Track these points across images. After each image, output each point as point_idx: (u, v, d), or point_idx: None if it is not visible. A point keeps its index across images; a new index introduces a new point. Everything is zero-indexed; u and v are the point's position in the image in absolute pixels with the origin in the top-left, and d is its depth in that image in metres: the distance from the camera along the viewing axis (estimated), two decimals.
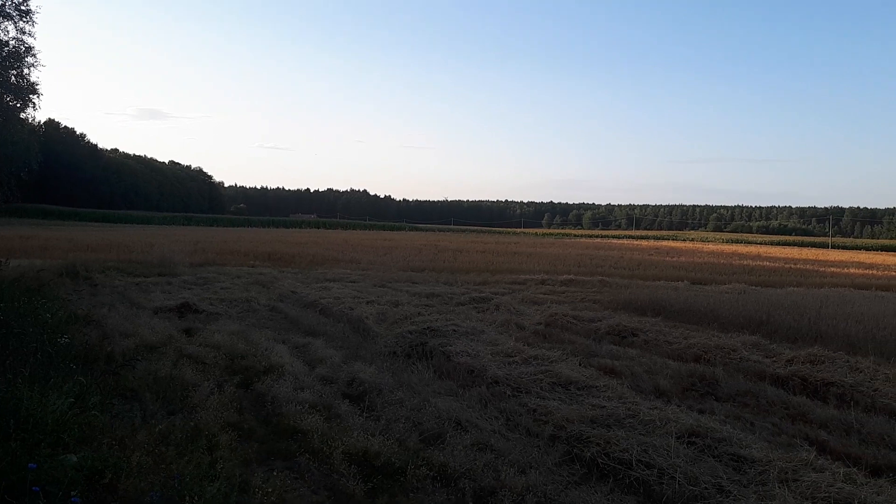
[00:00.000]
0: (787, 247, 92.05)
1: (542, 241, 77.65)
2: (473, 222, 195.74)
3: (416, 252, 39.83)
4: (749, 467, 5.92)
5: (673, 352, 11.86)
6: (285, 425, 7.06)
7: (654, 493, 5.52)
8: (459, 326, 12.07)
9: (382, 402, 7.84)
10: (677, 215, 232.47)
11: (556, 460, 6.24)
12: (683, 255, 47.20)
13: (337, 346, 11.36)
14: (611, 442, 6.35)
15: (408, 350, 10.91)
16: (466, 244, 53.77)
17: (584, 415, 7.23)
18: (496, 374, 9.05)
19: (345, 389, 8.54)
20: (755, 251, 65.75)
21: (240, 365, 9.60)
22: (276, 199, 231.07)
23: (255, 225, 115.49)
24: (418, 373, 9.39)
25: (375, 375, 8.93)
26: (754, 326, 14.06)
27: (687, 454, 6.13)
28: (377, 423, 7.11)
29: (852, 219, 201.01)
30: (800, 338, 13.01)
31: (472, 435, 6.75)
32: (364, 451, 6.19)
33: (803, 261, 47.92)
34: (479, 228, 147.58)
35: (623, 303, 18.16)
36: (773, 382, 9.74)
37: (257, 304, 16.61)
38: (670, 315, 16.09)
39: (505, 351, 10.35)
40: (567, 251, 47.22)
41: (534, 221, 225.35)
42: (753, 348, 11.74)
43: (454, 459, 6.04)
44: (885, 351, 11.54)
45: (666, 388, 9.24)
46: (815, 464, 5.90)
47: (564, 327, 14.39)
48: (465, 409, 7.63)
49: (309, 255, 33.63)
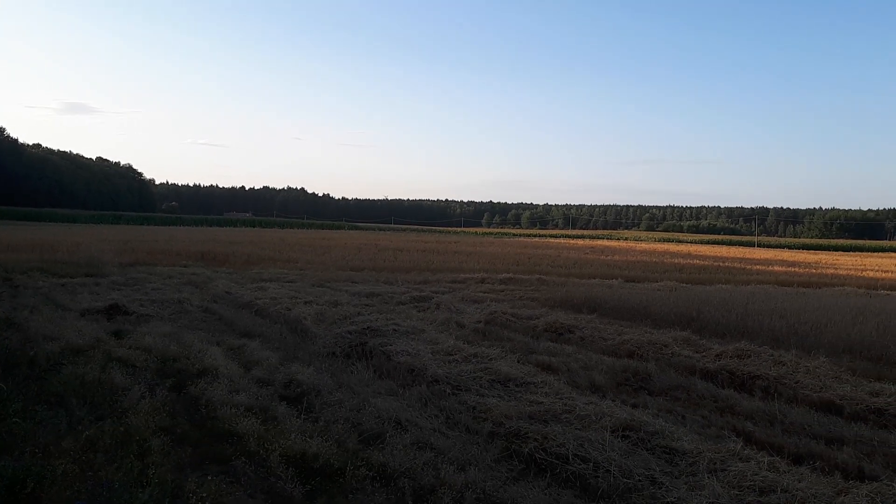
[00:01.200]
0: (716, 245, 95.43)
1: (482, 240, 78.22)
2: (414, 221, 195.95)
3: (355, 251, 39.54)
4: (680, 459, 6.11)
5: (608, 348, 12.14)
6: (220, 429, 6.91)
7: (590, 486, 5.64)
8: (400, 326, 12.05)
9: (321, 404, 7.75)
10: (612, 215, 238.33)
11: (494, 457, 6.30)
12: (618, 254, 48.38)
13: (274, 347, 11.16)
14: (548, 437, 6.46)
15: (347, 350, 10.82)
16: (407, 243, 53.69)
17: (523, 411, 7.33)
18: (436, 372, 9.08)
19: (282, 391, 8.41)
20: (686, 250, 67.94)
21: (172, 368, 9.35)
22: (209, 197, 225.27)
23: (188, 224, 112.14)
24: (358, 373, 9.33)
25: (314, 376, 8.82)
26: (685, 322, 14.53)
27: (621, 447, 6.29)
28: (316, 424, 7.03)
29: (776, 218, 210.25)
30: (728, 333, 13.51)
31: (412, 434, 6.75)
32: (302, 453, 6.11)
33: (731, 259, 49.79)
34: (420, 228, 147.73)
35: (560, 300, 18.49)
36: (702, 376, 10.10)
37: (190, 305, 16.16)
38: (605, 312, 16.48)
39: (445, 349, 10.39)
40: (506, 250, 47.72)
41: (474, 221, 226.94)
42: (684, 344, 12.13)
43: (394, 459, 6.02)
44: (806, 345, 12.11)
45: (601, 383, 9.45)
46: (742, 454, 6.14)
47: (504, 325, 14.55)
48: (406, 409, 7.62)
49: (244, 254, 32.95)
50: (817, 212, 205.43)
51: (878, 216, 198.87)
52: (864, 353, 11.65)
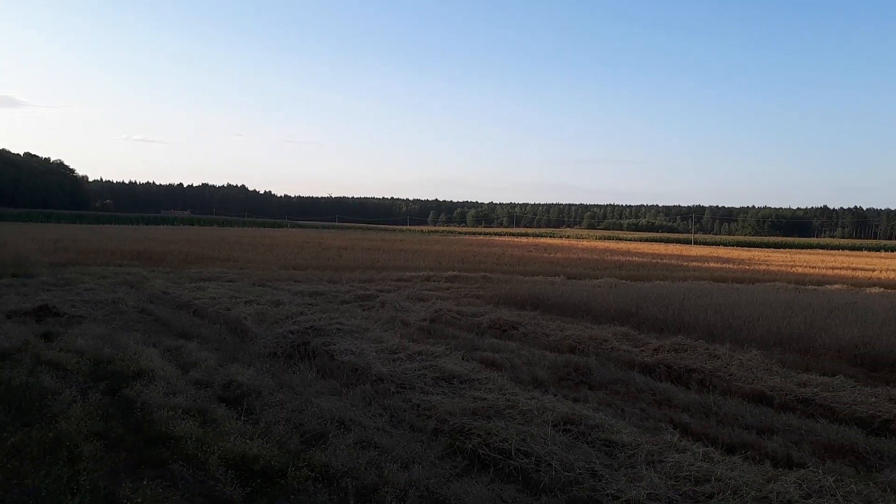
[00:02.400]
0: (655, 243, 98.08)
1: (428, 238, 78.34)
2: (359, 219, 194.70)
3: (298, 249, 39.03)
4: (620, 451, 6.24)
5: (550, 343, 12.32)
6: (157, 432, 6.72)
7: (532, 480, 5.70)
8: (344, 325, 11.94)
9: (262, 405, 7.62)
10: (555, 213, 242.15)
11: (438, 454, 6.31)
12: (560, 252, 49.20)
13: (213, 348, 10.91)
14: (491, 433, 6.50)
15: (289, 350, 10.66)
16: (352, 241, 53.31)
17: (467, 407, 7.36)
18: (381, 371, 9.03)
19: (221, 393, 8.23)
20: (625, 247, 69.55)
21: (106, 370, 9.04)
22: (146, 194, 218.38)
23: (123, 222, 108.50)
24: (300, 373, 9.20)
25: (254, 377, 8.67)
26: (624, 318, 14.87)
27: (563, 441, 6.38)
28: (256, 426, 6.91)
29: (712, 217, 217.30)
30: (665, 328, 13.89)
31: (355, 433, 6.70)
32: (242, 455, 6.00)
33: (669, 256, 51.21)
34: (365, 226, 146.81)
35: (504, 298, 18.67)
36: (641, 370, 10.35)
37: (125, 305, 15.64)
38: (548, 309, 16.72)
39: (390, 348, 10.35)
40: (452, 248, 47.88)
41: (420, 219, 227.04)
42: (624, 338, 12.41)
43: (336, 459, 5.97)
44: (739, 338, 12.56)
45: (544, 378, 9.58)
46: (679, 445, 6.31)
47: (449, 322, 14.60)
48: (349, 408, 7.56)
49: (182, 253, 32.12)
50: (750, 210, 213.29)
51: (806, 214, 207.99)
52: (793, 345, 12.14)
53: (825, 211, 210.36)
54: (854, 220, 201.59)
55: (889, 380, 10.05)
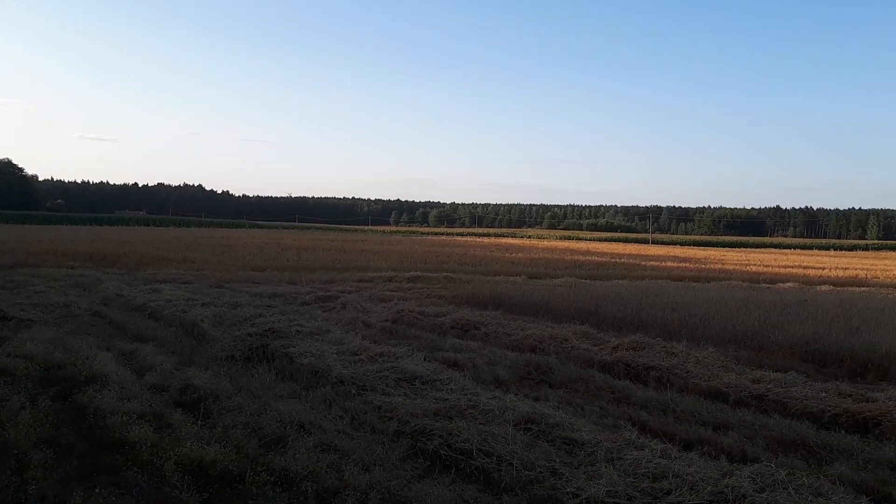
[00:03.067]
0: (614, 242, 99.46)
1: (390, 238, 78.04)
2: (319, 220, 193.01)
3: (257, 250, 38.51)
4: (579, 449, 6.30)
5: (511, 343, 12.38)
6: (110, 438, 6.56)
7: (494, 479, 5.71)
8: (304, 327, 11.80)
9: (219, 409, 7.48)
10: (516, 214, 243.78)
11: (400, 455, 6.28)
12: (521, 252, 49.51)
13: (169, 351, 10.69)
14: (453, 433, 6.49)
15: (247, 353, 10.50)
16: (312, 242, 52.83)
17: (428, 408, 7.34)
18: (341, 373, 8.95)
19: (178, 397, 8.07)
20: (585, 247, 70.37)
21: (57, 375, 8.79)
22: (99, 194, 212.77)
23: (76, 222, 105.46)
24: (259, 376, 9.06)
25: (212, 381, 8.51)
26: (584, 317, 15.03)
27: (523, 440, 6.41)
28: (213, 430, 6.79)
29: (669, 216, 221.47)
30: (624, 326, 14.08)
31: (315, 436, 6.63)
32: (199, 460, 5.88)
33: (627, 255, 51.95)
34: (326, 226, 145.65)
35: (466, 298, 18.71)
36: (600, 368, 10.47)
37: (78, 308, 15.21)
38: (509, 308, 16.81)
39: (351, 350, 10.26)
40: (414, 248, 47.80)
41: (381, 219, 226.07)
42: (583, 337, 12.53)
43: (296, 463, 5.89)
44: (696, 336, 12.80)
45: (505, 377, 9.62)
46: (637, 442, 6.40)
47: (411, 323, 14.56)
48: (309, 411, 7.48)
49: (137, 254, 31.41)
50: (706, 210, 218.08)
51: (760, 214, 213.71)
52: (748, 342, 12.43)
53: (778, 211, 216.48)
54: (805, 220, 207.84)
55: (838, 375, 10.36)
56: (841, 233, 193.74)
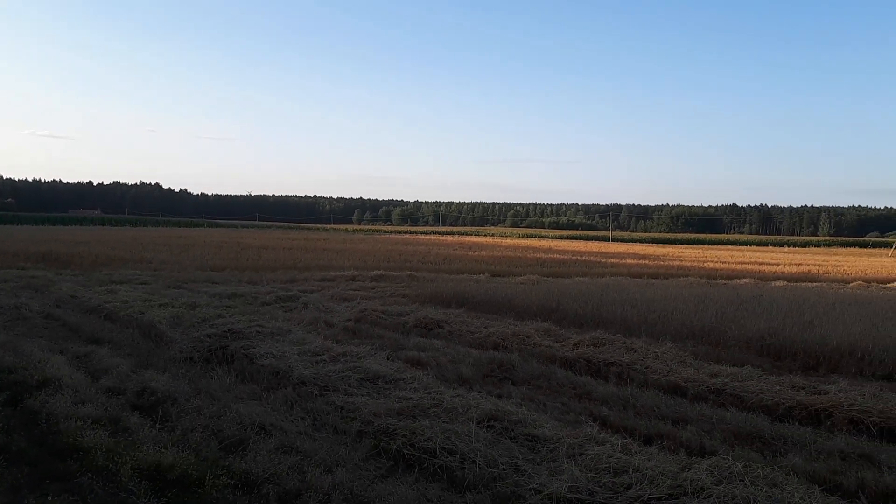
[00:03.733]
0: (575, 240, 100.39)
1: (353, 237, 77.57)
2: (280, 218, 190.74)
3: (216, 250, 37.91)
4: (542, 446, 6.34)
5: (475, 341, 12.42)
6: (63, 444, 6.37)
7: (457, 478, 5.72)
8: (264, 327, 11.65)
9: (178, 412, 7.34)
10: (479, 212, 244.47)
11: (363, 455, 6.24)
12: (484, 250, 49.73)
13: (125, 353, 10.45)
14: (416, 432, 6.48)
15: (206, 355, 10.32)
16: (272, 241, 52.21)
17: (391, 408, 7.31)
18: (303, 374, 8.86)
19: (134, 400, 7.89)
20: (547, 245, 70.97)
21: (7, 380, 8.52)
22: (52, 193, 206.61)
23: (27, 222, 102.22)
24: (218, 378, 8.92)
25: (169, 383, 8.35)
26: (546, 314, 15.16)
27: (487, 438, 6.43)
28: (172, 433, 6.66)
29: (629, 214, 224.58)
30: (585, 323, 14.23)
31: (276, 438, 6.55)
32: (156, 464, 5.76)
33: (588, 253, 52.58)
34: (287, 225, 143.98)
35: (430, 296, 18.71)
36: (562, 365, 10.56)
37: (29, 310, 14.77)
38: (473, 306, 16.86)
39: (312, 350, 10.16)
40: (377, 247, 47.59)
41: (344, 217, 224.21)
42: (545, 334, 12.63)
43: (257, 465, 5.81)
44: (655, 332, 13.00)
45: (468, 375, 9.63)
46: (598, 437, 6.47)
47: (374, 322, 14.49)
48: (270, 413, 7.38)
49: (92, 254, 30.63)
50: (665, 208, 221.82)
51: (717, 211, 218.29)
52: (705, 337, 12.67)
53: (734, 208, 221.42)
54: (761, 217, 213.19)
55: (792, 368, 10.66)
56: (794, 229, 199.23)
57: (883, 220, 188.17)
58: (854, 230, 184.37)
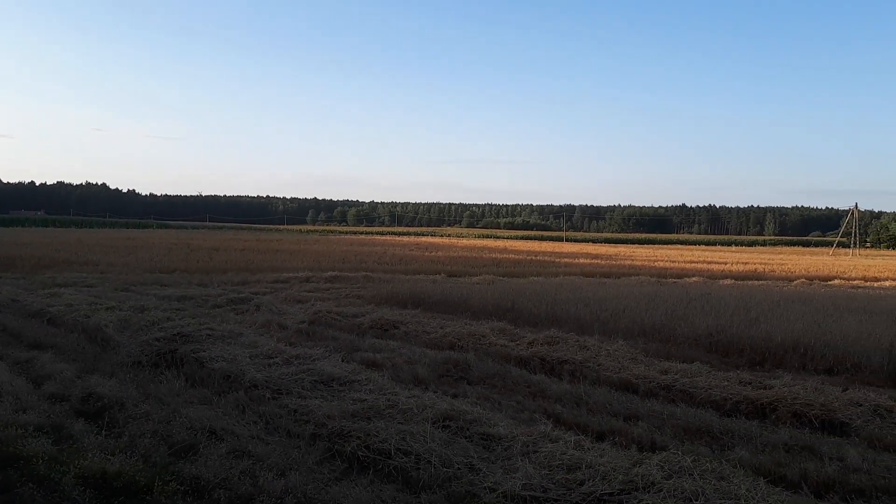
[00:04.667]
0: (530, 241, 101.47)
1: (307, 238, 76.81)
2: (232, 219, 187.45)
3: (165, 251, 37.08)
4: (497, 444, 6.37)
5: (431, 341, 12.42)
6: (3, 453, 6.15)
7: (412, 478, 5.70)
8: (215, 330, 11.41)
9: (125, 418, 7.15)
10: (436, 213, 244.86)
11: (317, 459, 6.17)
12: (441, 250, 49.81)
13: (70, 359, 10.13)
14: (371, 434, 6.44)
15: (155, 359, 10.06)
16: (224, 242, 51.31)
17: (346, 410, 7.25)
18: (255, 377, 8.72)
19: (79, 407, 7.65)
20: (503, 245, 71.55)
21: None
22: None
23: None
24: (168, 382, 8.71)
25: (116, 389, 8.13)
26: (501, 313, 15.26)
27: (442, 438, 6.43)
28: (119, 440, 6.49)
29: (582, 215, 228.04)
30: (540, 322, 14.37)
31: (228, 443, 6.43)
32: (102, 472, 5.59)
33: (543, 253, 53.16)
34: (239, 226, 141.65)
35: (386, 297, 18.64)
36: (517, 363, 10.64)
37: None
38: (429, 307, 16.86)
39: (265, 353, 10.00)
40: (332, 248, 47.21)
41: (298, 218, 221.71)
42: (500, 333, 12.71)
43: (208, 470, 5.69)
44: (607, 330, 13.21)
45: (424, 376, 9.62)
46: (552, 435, 6.53)
47: (329, 324, 14.36)
48: (221, 417, 7.24)
49: (34, 257, 29.59)
50: (617, 209, 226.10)
51: (667, 212, 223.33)
52: (656, 335, 12.93)
53: (684, 209, 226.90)
54: (709, 217, 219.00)
55: (739, 364, 10.95)
56: (741, 229, 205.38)
57: (825, 219, 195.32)
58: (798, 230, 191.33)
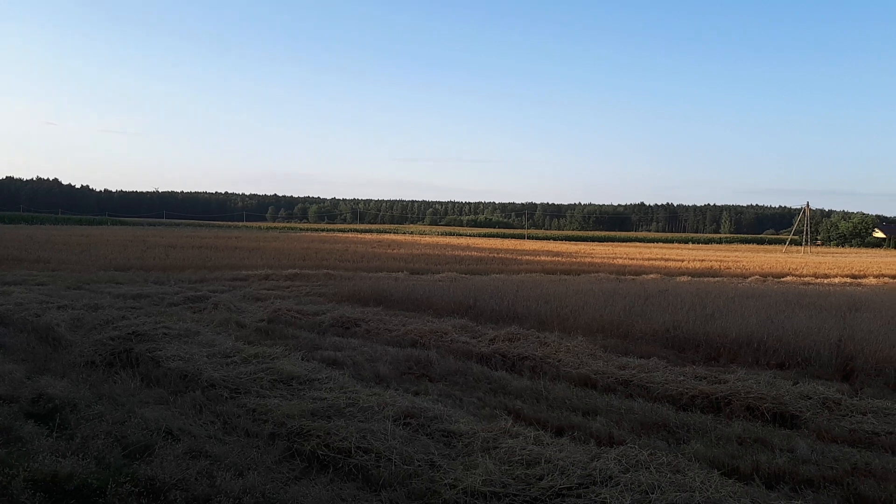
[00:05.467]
0: (492, 238, 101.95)
1: (266, 234, 75.80)
2: (190, 216, 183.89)
3: (121, 249, 36.22)
4: (457, 441, 6.40)
5: (392, 339, 12.39)
6: None
7: (372, 476, 5.69)
8: (171, 329, 11.21)
9: (77, 419, 6.97)
10: (398, 210, 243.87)
11: (275, 458, 6.11)
12: (403, 248, 49.68)
13: (19, 359, 9.82)
14: (331, 433, 6.40)
15: (110, 358, 9.83)
16: (181, 239, 50.32)
17: (305, 409, 7.19)
18: (212, 376, 8.59)
19: (29, 408, 7.43)
20: (465, 243, 71.74)
21: None
22: None
23: None
24: (122, 382, 8.52)
25: (69, 389, 7.92)
26: (464, 310, 15.31)
27: (403, 435, 6.43)
28: (71, 442, 6.31)
29: (543, 213, 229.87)
30: (501, 318, 14.46)
31: (184, 443, 6.32)
32: (53, 474, 5.44)
33: (504, 250, 53.47)
34: (197, 222, 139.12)
35: (347, 294, 18.52)
36: (478, 360, 10.69)
37: None
38: (391, 304, 16.81)
39: (223, 352, 9.86)
40: (292, 245, 46.70)
41: (257, 215, 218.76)
42: (462, 330, 12.76)
43: (164, 471, 5.59)
44: (567, 326, 13.36)
45: (385, 373, 9.60)
46: (512, 430, 6.58)
47: (288, 322, 14.21)
48: (178, 417, 7.12)
49: None
50: (577, 206, 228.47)
51: (626, 210, 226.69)
52: (614, 331, 13.13)
53: (642, 207, 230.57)
54: (667, 216, 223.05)
55: (695, 359, 11.19)
56: (698, 227, 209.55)
57: (778, 218, 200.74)
58: (753, 228, 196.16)
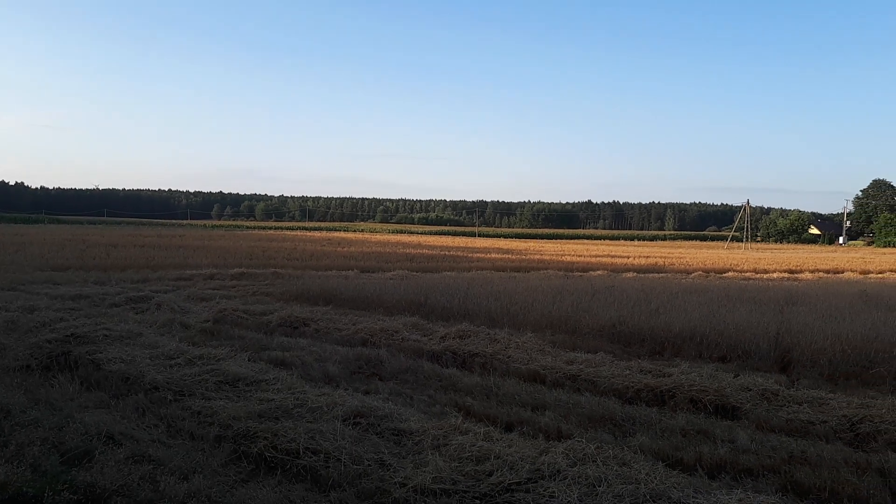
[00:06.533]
0: (443, 236, 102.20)
1: (212, 233, 74.23)
2: (132, 214, 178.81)
3: (58, 248, 34.91)
4: (407, 439, 6.39)
5: (342, 338, 12.29)
6: None
7: (321, 477, 5.63)
8: (112, 330, 10.87)
9: (11, 425, 6.69)
10: (349, 208, 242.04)
11: (222, 461, 5.99)
12: (354, 246, 49.29)
13: None
14: (278, 434, 6.31)
15: (46, 362, 9.47)
16: (122, 238, 48.79)
17: (252, 410, 7.07)
18: (156, 378, 8.37)
19: None
20: (416, 240, 71.67)
21: None
22: None
23: None
24: (60, 386, 8.22)
25: (2, 394, 7.62)
26: (415, 308, 15.28)
27: (352, 435, 6.39)
28: (4, 449, 6.07)
29: (494, 211, 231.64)
30: (452, 316, 14.49)
31: (126, 448, 6.14)
32: None
33: (456, 248, 53.65)
34: (139, 221, 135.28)
35: (296, 294, 18.29)
36: (429, 358, 10.69)
37: None
38: (341, 303, 16.67)
39: (166, 353, 9.63)
40: (238, 244, 45.84)
41: (202, 213, 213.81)
42: (413, 328, 12.74)
43: (104, 477, 5.42)
44: (517, 322, 13.49)
45: (335, 373, 9.51)
46: (462, 427, 6.60)
47: (235, 323, 13.94)
48: (119, 421, 6.91)
49: None
50: (526, 205, 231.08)
51: (574, 208, 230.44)
52: (562, 326, 13.30)
53: (589, 205, 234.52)
54: (613, 213, 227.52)
55: (640, 354, 11.42)
56: (643, 224, 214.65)
57: (720, 214, 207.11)
58: (696, 224, 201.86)
